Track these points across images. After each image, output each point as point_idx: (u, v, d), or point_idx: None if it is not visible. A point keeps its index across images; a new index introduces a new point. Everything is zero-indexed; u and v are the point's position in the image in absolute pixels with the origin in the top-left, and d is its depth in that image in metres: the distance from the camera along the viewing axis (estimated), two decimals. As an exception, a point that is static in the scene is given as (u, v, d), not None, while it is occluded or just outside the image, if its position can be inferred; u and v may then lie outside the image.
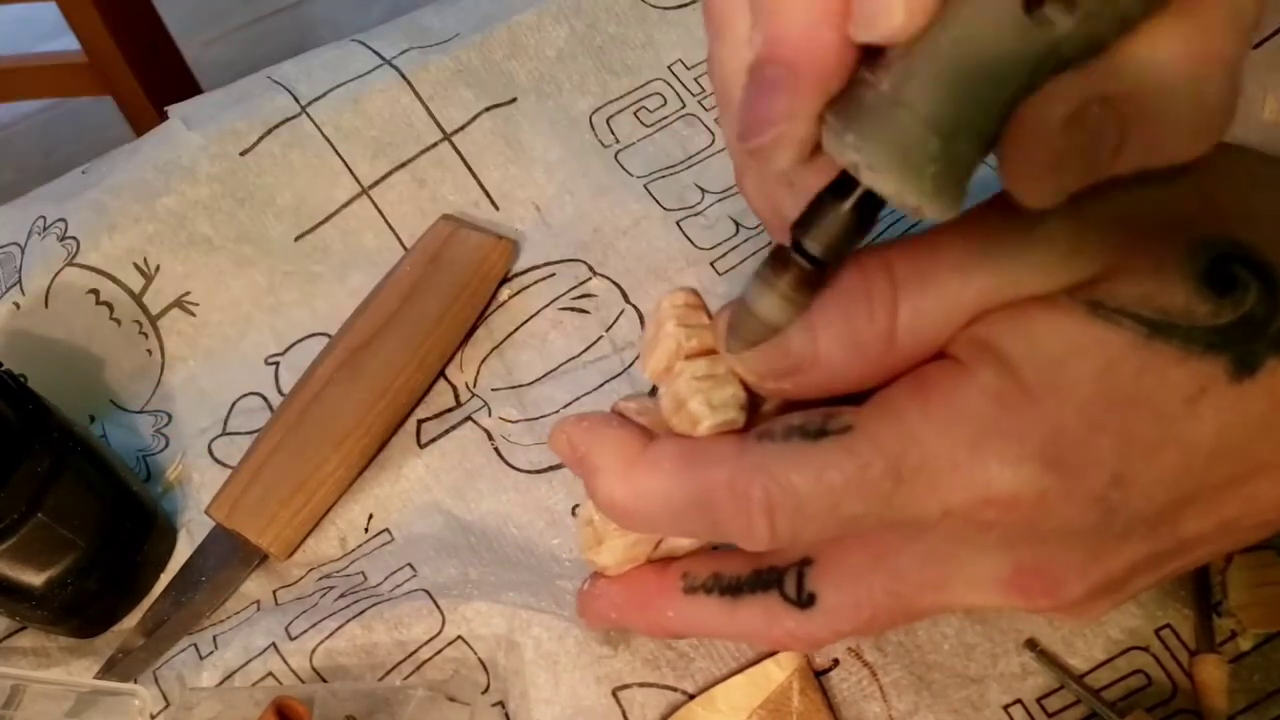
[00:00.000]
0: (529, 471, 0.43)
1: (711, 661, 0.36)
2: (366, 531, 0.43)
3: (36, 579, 0.40)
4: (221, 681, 0.39)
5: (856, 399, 0.27)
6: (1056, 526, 0.26)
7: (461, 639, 0.38)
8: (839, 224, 0.24)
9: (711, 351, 0.29)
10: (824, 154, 0.23)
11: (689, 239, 0.47)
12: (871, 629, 0.30)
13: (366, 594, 0.40)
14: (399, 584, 0.41)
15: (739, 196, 0.31)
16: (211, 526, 0.43)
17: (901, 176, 0.22)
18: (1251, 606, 0.34)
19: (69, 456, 0.41)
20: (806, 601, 0.29)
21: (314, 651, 0.39)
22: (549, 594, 0.38)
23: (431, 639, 0.38)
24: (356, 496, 0.44)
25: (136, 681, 0.40)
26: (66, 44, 1.14)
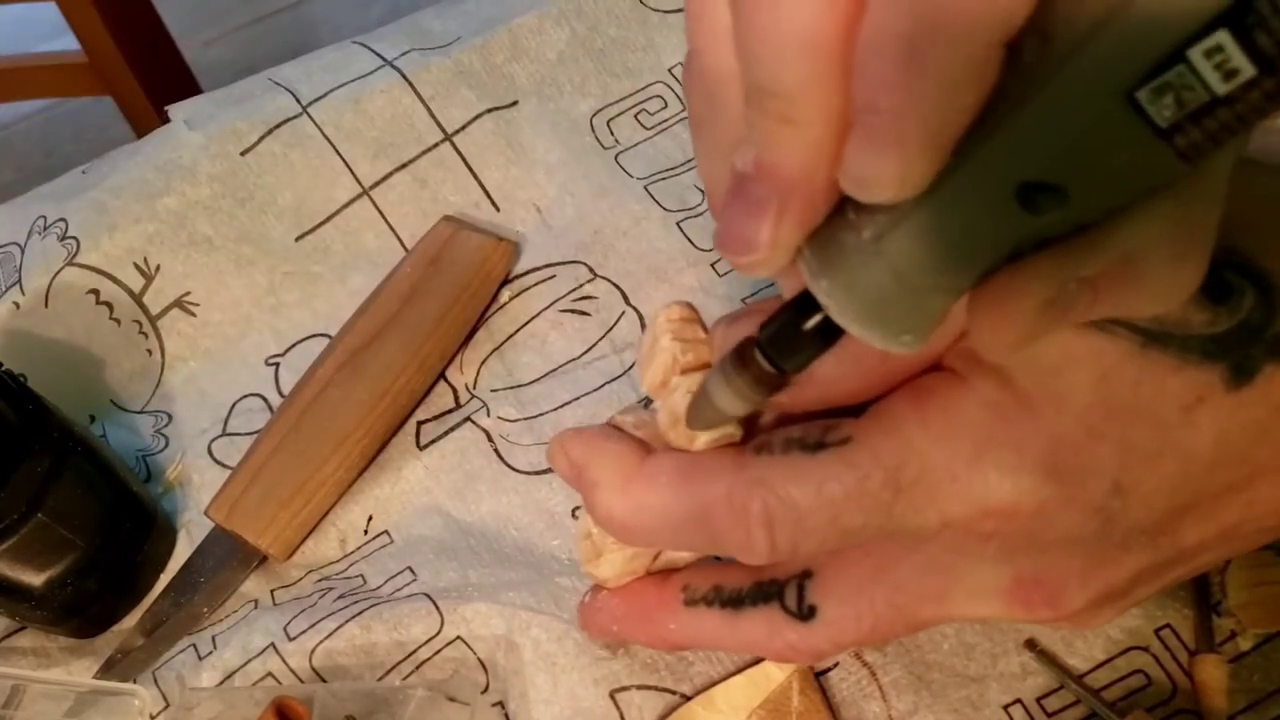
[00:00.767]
0: (529, 473, 0.43)
1: (710, 665, 0.36)
2: (366, 533, 0.43)
3: (36, 579, 0.40)
4: (221, 682, 0.39)
5: (854, 411, 0.27)
6: (1056, 536, 0.26)
7: (461, 639, 0.38)
8: (802, 341, 0.24)
9: (707, 365, 0.29)
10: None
11: (689, 240, 0.47)
12: (873, 640, 0.30)
13: (365, 595, 0.40)
14: (399, 587, 0.41)
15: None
16: (211, 527, 0.43)
17: (870, 327, 0.22)
18: (1251, 606, 0.34)
19: (69, 456, 0.41)
20: (808, 614, 0.30)
21: (313, 652, 0.39)
22: (549, 595, 0.38)
23: (430, 639, 0.38)
24: (356, 498, 0.44)
25: (136, 681, 0.40)
26: (66, 44, 1.14)
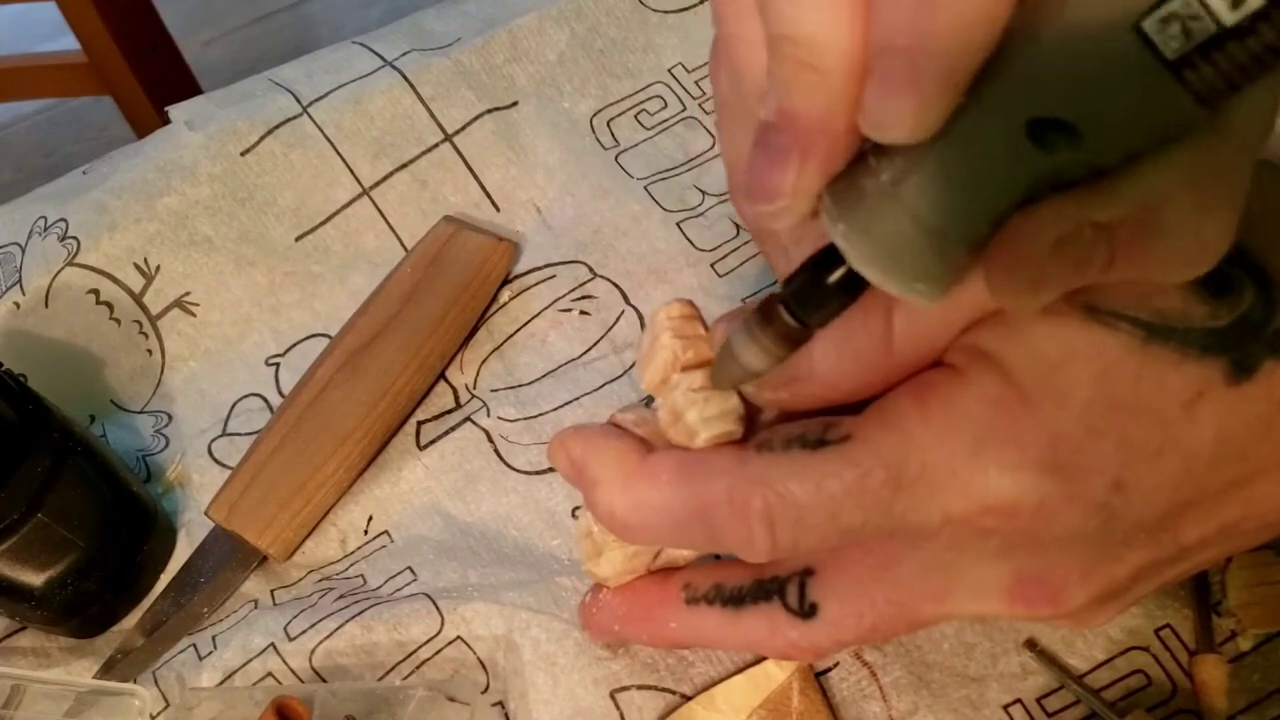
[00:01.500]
0: (529, 473, 0.43)
1: (710, 665, 0.36)
2: (366, 533, 0.43)
3: (36, 579, 0.40)
4: (221, 682, 0.39)
5: (855, 408, 0.27)
6: (1057, 534, 0.25)
7: (461, 639, 0.38)
8: (825, 295, 0.24)
9: (708, 363, 0.29)
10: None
11: (689, 240, 0.47)
12: (874, 638, 0.30)
13: (366, 595, 0.40)
14: (399, 587, 0.41)
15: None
16: (211, 527, 0.43)
17: (887, 272, 0.22)
18: (1251, 606, 0.34)
19: (69, 457, 0.41)
20: (809, 612, 0.29)
21: (313, 651, 0.39)
22: (549, 595, 0.38)
23: (431, 639, 0.38)
24: (356, 498, 0.44)
25: (136, 681, 0.40)
26: (66, 44, 1.15)
